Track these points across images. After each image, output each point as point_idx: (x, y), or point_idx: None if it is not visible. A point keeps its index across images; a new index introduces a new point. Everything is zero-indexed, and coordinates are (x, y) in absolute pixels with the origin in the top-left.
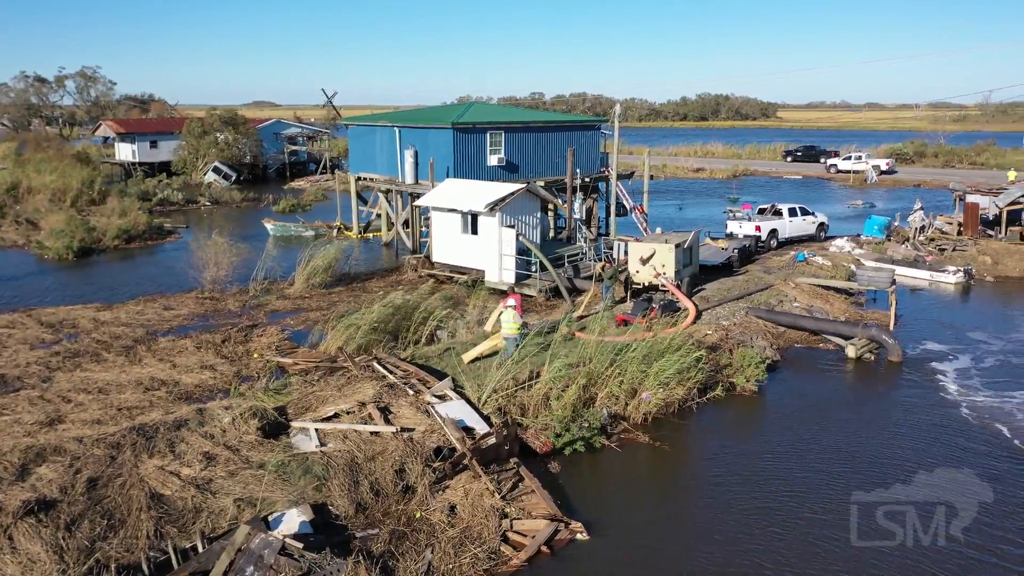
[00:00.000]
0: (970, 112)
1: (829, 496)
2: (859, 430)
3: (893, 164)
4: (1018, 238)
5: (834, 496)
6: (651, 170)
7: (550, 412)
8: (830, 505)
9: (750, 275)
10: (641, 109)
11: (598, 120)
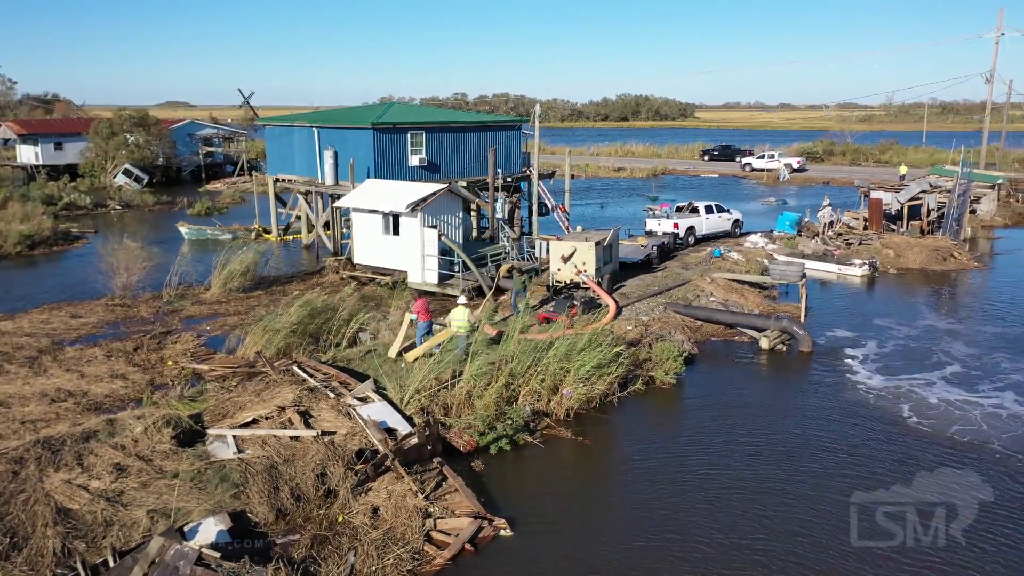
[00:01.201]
0: (875, 112)
1: (747, 481)
2: (773, 418)
3: (804, 162)
4: (918, 232)
5: (751, 481)
6: (573, 170)
7: (473, 411)
8: (748, 489)
9: (669, 271)
10: (563, 110)
11: (519, 120)
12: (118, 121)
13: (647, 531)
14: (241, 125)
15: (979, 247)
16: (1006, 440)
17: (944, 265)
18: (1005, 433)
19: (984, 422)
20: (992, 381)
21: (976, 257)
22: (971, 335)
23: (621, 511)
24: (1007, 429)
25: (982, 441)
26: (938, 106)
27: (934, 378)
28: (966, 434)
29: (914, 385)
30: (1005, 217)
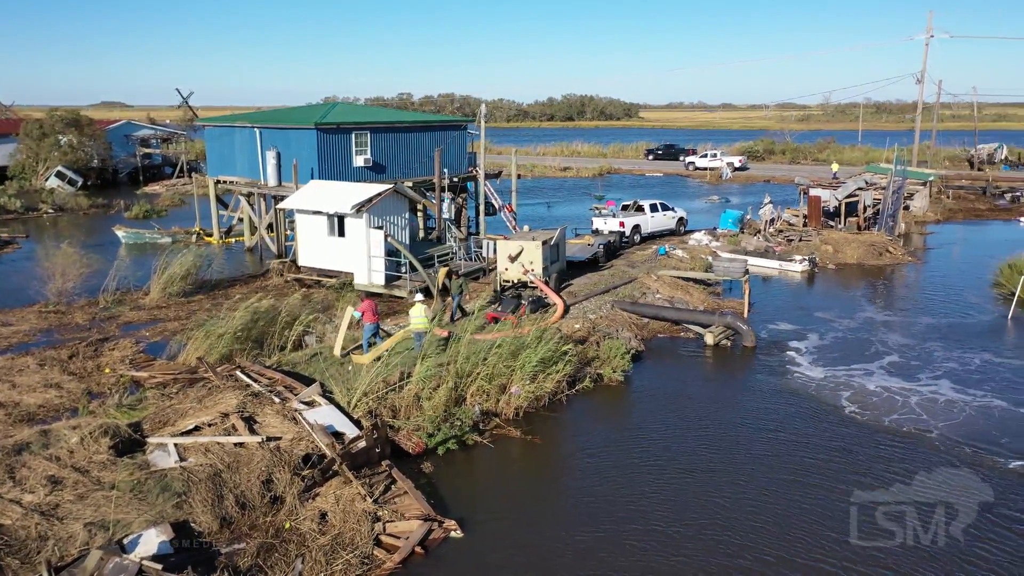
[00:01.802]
0: (813, 112)
1: (695, 471)
2: (718, 411)
3: (745, 161)
4: (855, 228)
5: (700, 471)
6: (519, 169)
7: (422, 412)
8: (696, 478)
9: (615, 269)
10: (509, 110)
11: (465, 120)
12: (49, 122)
13: (599, 523)
14: (180, 126)
15: (913, 242)
16: (943, 427)
17: (880, 260)
18: (942, 420)
19: (921, 408)
20: (928, 370)
21: (910, 252)
22: (907, 326)
23: (572, 506)
24: (943, 415)
25: (919, 427)
26: (872, 106)
27: (873, 368)
28: (904, 421)
29: (854, 375)
30: (936, 213)
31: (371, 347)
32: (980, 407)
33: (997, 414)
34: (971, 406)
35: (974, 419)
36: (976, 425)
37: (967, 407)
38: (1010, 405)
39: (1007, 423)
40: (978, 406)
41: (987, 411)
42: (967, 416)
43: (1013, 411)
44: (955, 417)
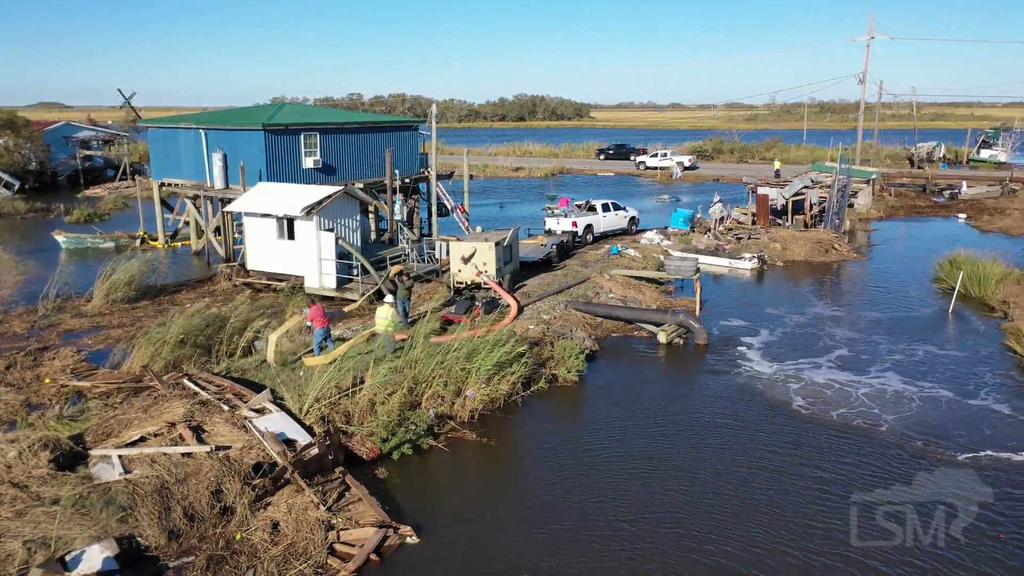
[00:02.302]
0: (759, 112)
1: (651, 468)
2: (672, 408)
3: (695, 160)
4: (802, 226)
5: (656, 468)
6: (472, 170)
7: (376, 417)
8: (652, 475)
9: (568, 269)
10: (460, 110)
11: (416, 121)
12: None
13: (556, 522)
14: (122, 127)
15: (857, 239)
16: (892, 419)
17: (827, 256)
18: (891, 413)
19: (870, 400)
20: (875, 363)
21: (855, 248)
22: (853, 321)
23: (529, 506)
24: (891, 407)
25: (868, 420)
26: (816, 105)
27: (822, 362)
28: (853, 414)
29: (804, 369)
30: (879, 210)
31: (323, 351)
32: (927, 398)
33: (944, 405)
34: (918, 397)
35: (921, 411)
36: (923, 417)
37: (914, 399)
38: (955, 396)
39: (954, 415)
40: (925, 397)
41: (934, 402)
42: (914, 408)
43: (959, 402)
44: (902, 409)
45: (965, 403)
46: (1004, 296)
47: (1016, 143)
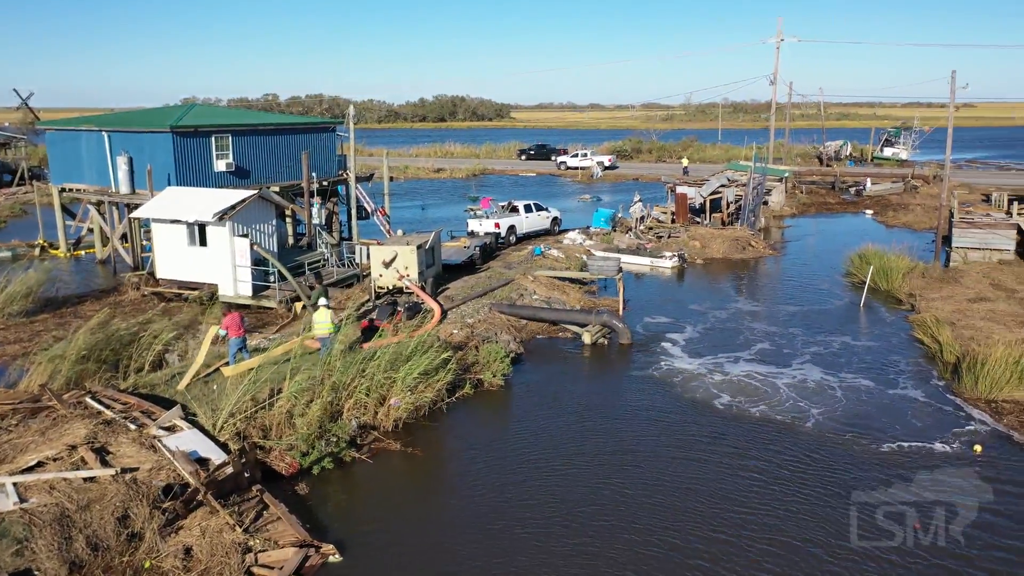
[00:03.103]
0: (676, 112)
1: (580, 468)
2: (598, 408)
3: (615, 160)
4: (720, 224)
5: (583, 469)
6: (392, 171)
7: (295, 430)
8: (582, 477)
9: (492, 271)
10: (380, 111)
11: (333, 122)
12: None
13: (486, 528)
14: (20, 129)
15: (772, 235)
16: (815, 412)
17: (744, 253)
18: (813, 405)
19: (793, 393)
20: (795, 356)
21: (771, 245)
22: (772, 315)
23: (457, 514)
24: (812, 398)
25: (791, 411)
26: (730, 106)
27: (744, 356)
28: (776, 406)
29: (726, 364)
30: (792, 207)
31: (238, 362)
32: (846, 388)
33: (864, 395)
34: (838, 388)
35: (840, 401)
36: (841, 406)
37: (834, 389)
38: (874, 385)
39: (873, 404)
40: (845, 388)
41: (852, 392)
42: (833, 398)
43: (878, 391)
44: (824, 400)
45: (884, 392)
46: (910, 289)
47: (916, 141)
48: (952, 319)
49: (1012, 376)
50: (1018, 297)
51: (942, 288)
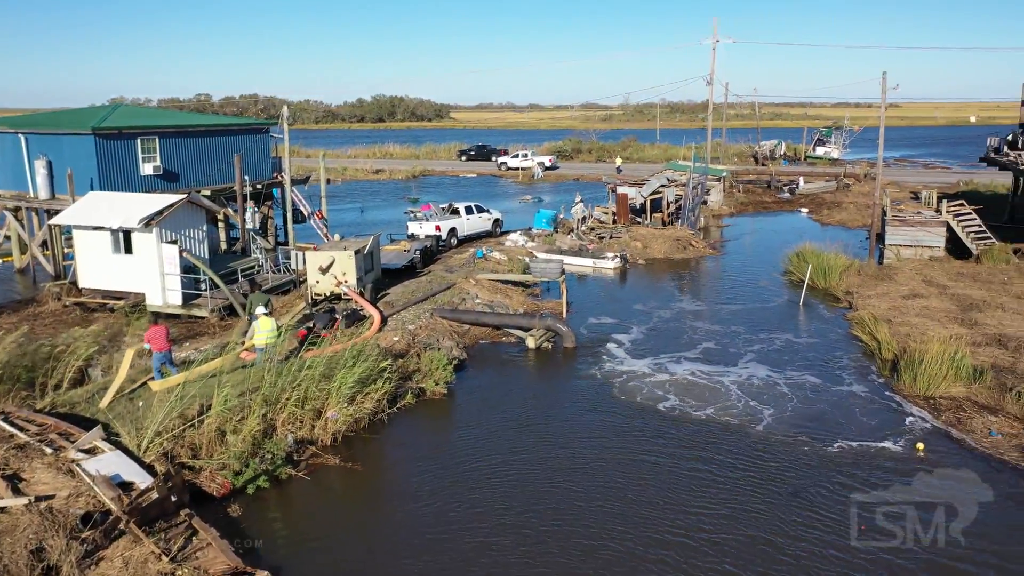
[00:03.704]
0: (614, 112)
1: (524, 478)
2: (542, 414)
3: (555, 160)
4: (660, 224)
5: (528, 476)
6: (330, 173)
7: (227, 448)
8: (527, 485)
9: (433, 275)
10: (317, 111)
11: (266, 123)
12: None
13: (432, 543)
14: None
15: (712, 235)
16: (763, 412)
17: (685, 253)
18: (760, 404)
19: (737, 391)
20: (739, 354)
21: (711, 244)
22: (714, 315)
23: (400, 530)
24: (758, 397)
25: (740, 412)
26: (667, 106)
27: (689, 355)
28: (723, 406)
29: (671, 365)
30: (731, 206)
31: (164, 377)
32: (791, 388)
33: (809, 395)
34: (783, 387)
35: (785, 401)
36: (787, 407)
37: (779, 388)
38: (820, 384)
39: (818, 401)
40: (789, 388)
41: (796, 392)
42: (778, 398)
43: (822, 391)
44: (769, 400)
45: (828, 392)
46: (847, 286)
47: (846, 140)
48: (889, 316)
49: (948, 373)
50: (950, 293)
51: (878, 285)
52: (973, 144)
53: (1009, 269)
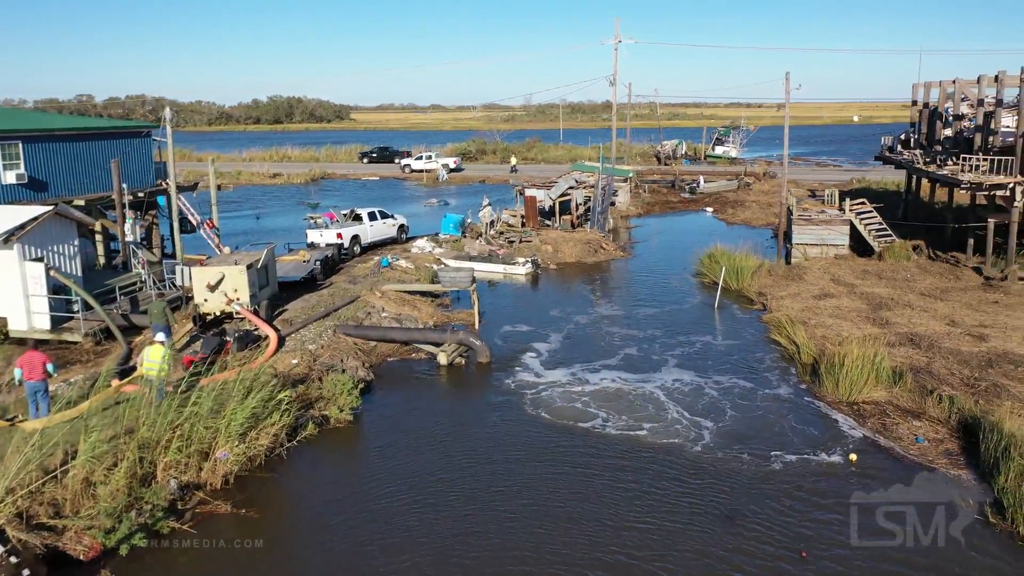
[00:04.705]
0: (516, 113)
1: (440, 507)
2: (456, 438)
3: (460, 162)
4: (569, 226)
5: (444, 505)
6: (224, 178)
7: (97, 502)
8: (444, 513)
9: (335, 287)
10: (210, 113)
11: (148, 126)
12: None
13: None
14: None
15: (620, 236)
16: (696, 422)
17: (596, 257)
18: (687, 418)
19: (660, 402)
20: (660, 362)
21: (621, 247)
22: (631, 319)
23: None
24: (683, 407)
25: (657, 423)
26: (568, 106)
27: (609, 363)
28: (643, 416)
29: (590, 376)
30: (637, 207)
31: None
32: (714, 401)
33: (733, 408)
34: (707, 396)
35: (709, 415)
36: (711, 420)
37: (703, 397)
38: (744, 394)
39: (743, 418)
40: (712, 401)
41: (719, 405)
42: (702, 410)
43: (746, 402)
44: (699, 410)
45: (753, 403)
46: (759, 287)
47: (743, 140)
48: (803, 318)
49: (869, 377)
50: (858, 292)
51: (789, 285)
52: (858, 142)
53: (910, 266)
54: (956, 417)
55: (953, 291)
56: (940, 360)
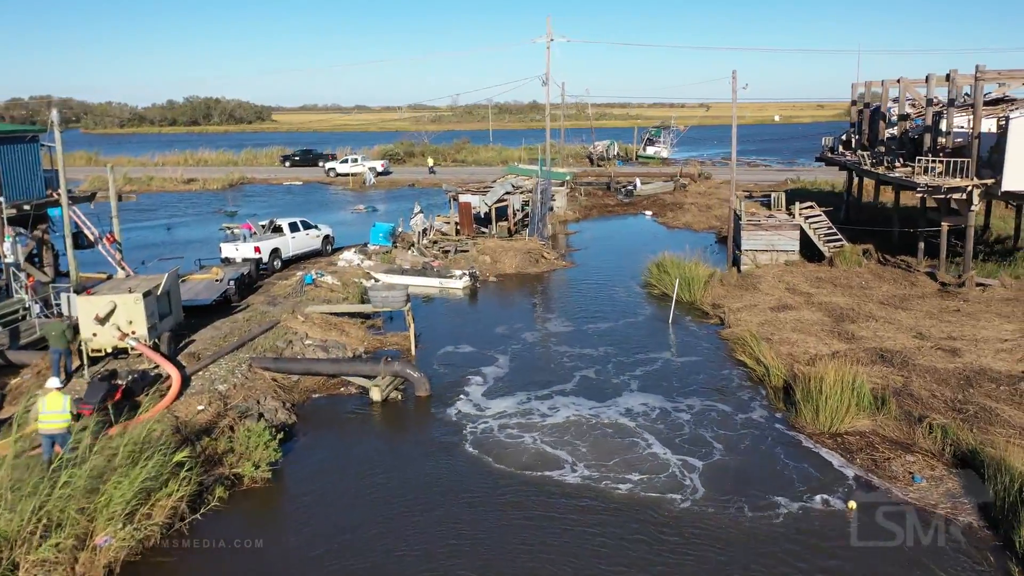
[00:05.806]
0: (443, 113)
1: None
2: (394, 493)
3: (388, 165)
4: (507, 233)
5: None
6: (134, 184)
7: None
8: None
9: (252, 310)
10: (122, 114)
11: (33, 129)
12: None
13: None
14: None
15: (560, 243)
16: (661, 454)
17: (537, 267)
18: (658, 443)
19: (631, 431)
20: (620, 387)
21: (562, 255)
22: (582, 337)
23: None
24: (652, 431)
25: (628, 470)
26: (496, 107)
27: (565, 389)
28: (609, 459)
29: (546, 405)
30: (575, 211)
31: None
32: (687, 440)
33: (713, 451)
34: (677, 416)
35: (690, 447)
36: (691, 463)
37: (672, 418)
38: (719, 429)
39: (726, 461)
40: (685, 439)
41: (696, 435)
42: (678, 446)
43: (724, 443)
44: (673, 438)
45: (731, 445)
46: (713, 299)
47: (674, 140)
48: (765, 333)
49: (850, 404)
50: (816, 302)
51: (743, 296)
52: (783, 141)
53: (864, 272)
54: (951, 450)
55: (912, 299)
56: (918, 379)
